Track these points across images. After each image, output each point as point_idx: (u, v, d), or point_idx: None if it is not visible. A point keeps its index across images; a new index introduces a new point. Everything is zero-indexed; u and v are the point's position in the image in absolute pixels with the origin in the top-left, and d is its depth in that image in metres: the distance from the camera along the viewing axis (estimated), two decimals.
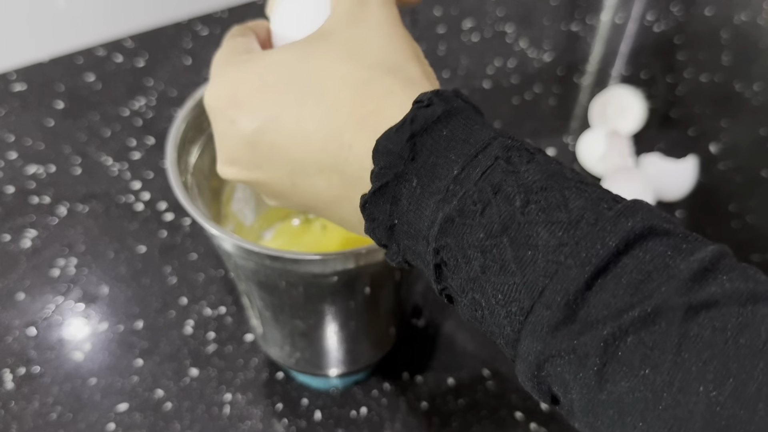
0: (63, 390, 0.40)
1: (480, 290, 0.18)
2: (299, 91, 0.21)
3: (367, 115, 0.20)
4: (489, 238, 0.18)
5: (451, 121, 0.19)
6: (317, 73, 0.21)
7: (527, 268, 0.17)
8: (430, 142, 0.19)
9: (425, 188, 0.19)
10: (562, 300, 0.16)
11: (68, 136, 0.55)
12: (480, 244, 0.18)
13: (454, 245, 0.18)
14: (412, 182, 0.19)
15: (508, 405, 0.40)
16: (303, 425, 0.39)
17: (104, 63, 0.62)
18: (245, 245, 0.27)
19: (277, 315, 0.34)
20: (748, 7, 0.73)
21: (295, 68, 0.21)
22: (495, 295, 0.18)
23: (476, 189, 0.18)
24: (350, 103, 0.20)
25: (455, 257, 0.19)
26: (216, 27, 0.66)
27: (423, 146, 0.19)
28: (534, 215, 0.17)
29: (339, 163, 0.21)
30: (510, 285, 0.17)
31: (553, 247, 0.17)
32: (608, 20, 0.70)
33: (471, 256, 0.18)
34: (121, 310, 0.44)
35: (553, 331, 0.17)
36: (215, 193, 0.37)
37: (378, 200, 0.20)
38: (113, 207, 0.50)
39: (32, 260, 0.47)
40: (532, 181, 0.18)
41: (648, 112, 0.57)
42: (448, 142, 0.19)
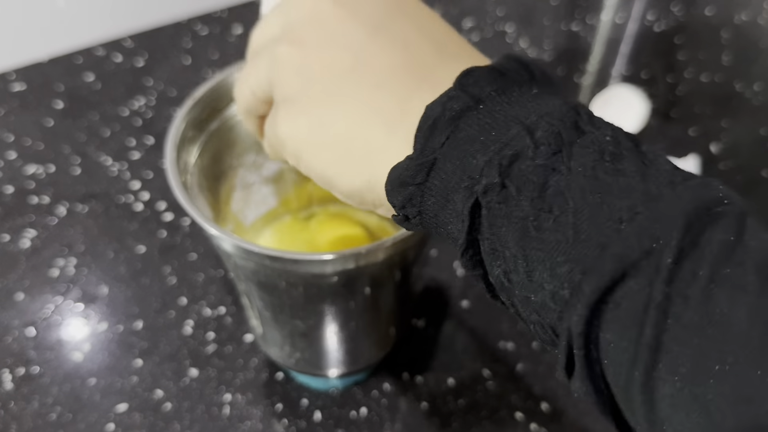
0: (62, 390, 0.40)
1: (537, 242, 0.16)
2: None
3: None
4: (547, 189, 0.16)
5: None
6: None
7: (586, 227, 0.15)
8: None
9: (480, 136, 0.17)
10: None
11: (68, 136, 0.55)
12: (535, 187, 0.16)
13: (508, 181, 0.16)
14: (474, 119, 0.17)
15: (508, 405, 0.40)
16: (303, 426, 0.39)
17: (104, 63, 0.62)
18: (245, 245, 0.27)
19: (276, 315, 0.34)
20: (749, 6, 0.73)
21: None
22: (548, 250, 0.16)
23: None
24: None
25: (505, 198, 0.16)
26: (215, 26, 0.66)
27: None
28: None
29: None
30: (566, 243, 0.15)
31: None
32: (609, 20, 0.70)
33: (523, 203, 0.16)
34: (121, 310, 0.44)
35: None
36: (214, 193, 0.37)
37: (434, 128, 0.18)
38: (113, 207, 0.50)
39: (31, 260, 0.47)
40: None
41: (648, 112, 0.57)
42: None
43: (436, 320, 0.45)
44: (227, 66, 0.32)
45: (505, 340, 0.43)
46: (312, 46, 0.20)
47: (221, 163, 0.37)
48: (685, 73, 0.64)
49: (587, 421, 0.40)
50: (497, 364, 0.42)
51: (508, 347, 0.43)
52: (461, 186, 0.17)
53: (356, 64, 0.20)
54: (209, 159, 0.35)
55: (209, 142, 0.35)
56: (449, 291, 0.46)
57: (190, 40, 0.64)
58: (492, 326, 0.44)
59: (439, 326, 0.44)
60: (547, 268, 0.16)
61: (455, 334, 0.44)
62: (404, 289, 0.36)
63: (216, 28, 0.66)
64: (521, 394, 0.41)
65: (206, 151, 0.35)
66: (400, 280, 0.34)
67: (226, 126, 0.36)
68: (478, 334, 0.44)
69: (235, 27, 0.66)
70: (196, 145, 0.34)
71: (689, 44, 0.68)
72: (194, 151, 0.34)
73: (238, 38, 0.65)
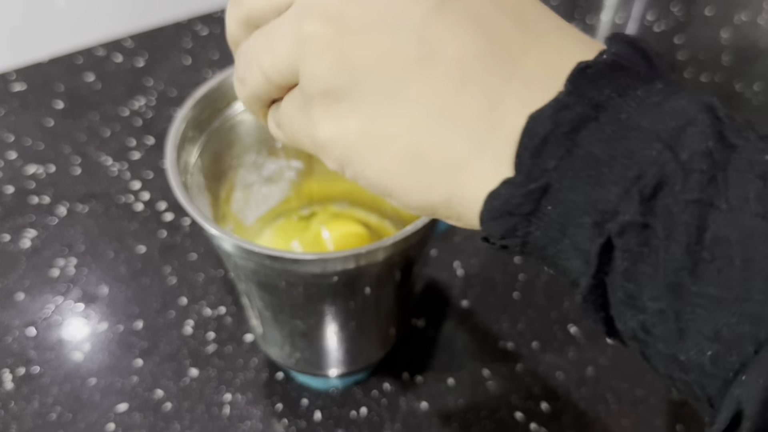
0: (62, 390, 0.40)
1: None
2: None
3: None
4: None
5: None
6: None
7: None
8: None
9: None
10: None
11: (68, 136, 0.55)
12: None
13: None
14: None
15: (508, 405, 0.40)
16: (303, 425, 0.39)
17: (104, 63, 0.62)
18: (245, 245, 0.27)
19: (276, 315, 0.34)
20: (749, 7, 0.73)
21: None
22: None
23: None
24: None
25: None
26: (216, 27, 0.66)
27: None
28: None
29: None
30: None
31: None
32: (608, 20, 0.70)
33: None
34: (121, 310, 0.44)
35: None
36: (215, 193, 0.37)
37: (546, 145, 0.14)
38: (113, 207, 0.50)
39: (32, 260, 0.47)
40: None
41: None
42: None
43: (436, 320, 0.45)
44: (227, 66, 0.32)
45: (505, 340, 0.43)
46: (356, 26, 0.16)
47: (221, 163, 0.37)
48: (685, 73, 0.64)
49: (587, 421, 0.40)
50: (497, 364, 0.42)
51: (508, 347, 0.43)
52: (586, 221, 0.14)
53: (424, 53, 0.15)
54: (209, 159, 0.35)
55: (209, 142, 0.35)
56: (449, 291, 0.46)
57: (190, 40, 0.65)
58: (492, 326, 0.44)
59: (439, 326, 0.44)
60: (707, 330, 0.13)
61: (455, 334, 0.44)
62: (404, 289, 0.36)
63: (216, 28, 0.66)
64: (521, 394, 0.41)
65: (206, 151, 0.35)
66: (400, 280, 0.34)
67: (226, 126, 0.36)
68: (478, 334, 0.44)
69: None
70: (196, 145, 0.34)
71: (689, 44, 0.68)
72: (194, 151, 0.34)
73: None
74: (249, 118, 0.37)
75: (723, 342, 0.13)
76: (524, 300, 0.46)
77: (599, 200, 0.14)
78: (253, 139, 0.38)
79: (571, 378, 0.42)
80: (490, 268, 0.47)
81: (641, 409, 0.40)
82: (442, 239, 0.49)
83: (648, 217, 0.13)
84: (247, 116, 0.37)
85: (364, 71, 0.16)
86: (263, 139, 0.38)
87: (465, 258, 0.48)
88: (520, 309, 0.45)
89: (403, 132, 0.16)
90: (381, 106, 0.16)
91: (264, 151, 0.39)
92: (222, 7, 0.68)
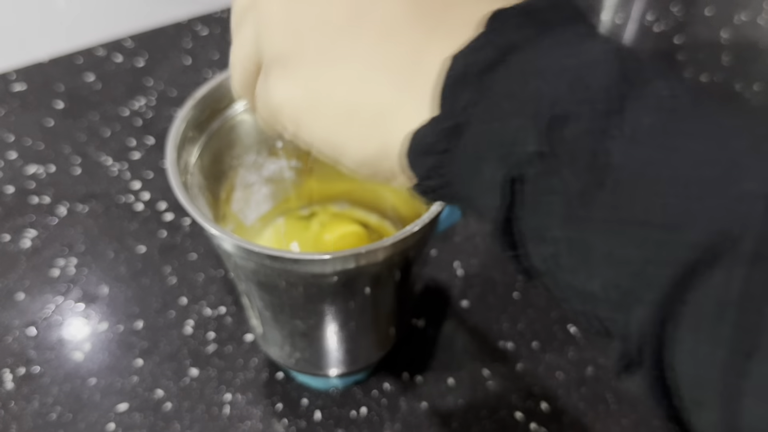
0: (63, 390, 0.40)
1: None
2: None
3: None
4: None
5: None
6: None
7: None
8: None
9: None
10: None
11: (68, 136, 0.55)
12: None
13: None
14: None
15: (507, 405, 0.40)
16: (303, 425, 0.39)
17: (104, 63, 0.62)
18: (245, 245, 0.27)
19: (276, 315, 0.34)
20: (748, 7, 0.73)
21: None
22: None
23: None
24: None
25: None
26: (216, 27, 0.66)
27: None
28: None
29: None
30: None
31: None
32: (608, 20, 0.70)
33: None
34: (121, 310, 0.44)
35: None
36: (215, 193, 0.37)
37: (460, 83, 0.15)
38: (113, 207, 0.50)
39: (32, 260, 0.47)
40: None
41: None
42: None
43: (435, 320, 0.45)
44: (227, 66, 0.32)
45: (505, 340, 0.44)
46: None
47: (221, 164, 0.37)
48: (685, 74, 0.64)
49: (587, 421, 0.40)
50: (497, 364, 0.42)
51: (508, 347, 0.43)
52: (494, 154, 0.15)
53: (354, 14, 0.17)
54: (210, 159, 0.35)
55: (210, 143, 0.35)
56: (449, 291, 0.46)
57: (190, 40, 0.65)
58: (491, 326, 0.44)
59: (439, 326, 0.44)
60: (602, 254, 0.13)
61: (455, 334, 0.44)
62: (404, 289, 0.36)
63: (216, 28, 0.66)
64: (521, 394, 0.41)
65: (207, 151, 0.35)
66: (399, 279, 0.34)
67: (226, 126, 0.36)
68: (478, 333, 0.44)
69: None
70: (196, 145, 0.34)
71: (689, 44, 0.68)
72: (195, 151, 0.34)
73: None
74: (249, 118, 0.37)
75: (615, 268, 0.13)
76: (524, 300, 0.46)
77: (504, 134, 0.14)
78: (253, 139, 0.38)
79: (570, 378, 0.42)
80: (490, 268, 0.47)
81: (641, 409, 0.40)
82: (441, 239, 0.49)
83: (546, 146, 0.14)
84: (247, 116, 0.37)
85: (304, 34, 0.18)
86: (263, 140, 0.38)
87: (465, 258, 0.48)
88: (520, 309, 0.45)
89: (337, 88, 0.17)
90: (319, 65, 0.17)
91: (264, 151, 0.39)
92: (222, 8, 0.68)
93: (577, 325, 0.15)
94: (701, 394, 0.13)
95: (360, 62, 0.17)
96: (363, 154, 0.18)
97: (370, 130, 0.17)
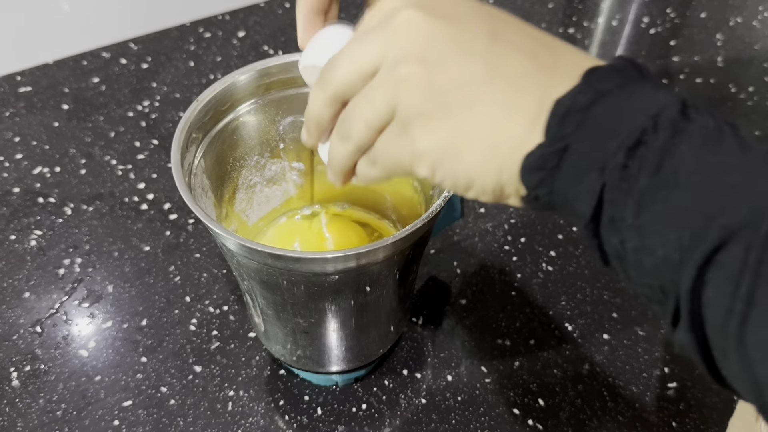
0: (68, 387, 0.41)
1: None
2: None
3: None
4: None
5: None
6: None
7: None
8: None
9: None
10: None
11: (73, 138, 0.56)
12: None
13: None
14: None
15: (506, 402, 0.41)
16: (304, 421, 0.40)
17: (109, 65, 0.62)
18: (248, 244, 0.28)
19: (278, 313, 0.35)
20: (743, 9, 0.73)
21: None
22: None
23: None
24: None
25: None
26: (218, 30, 0.67)
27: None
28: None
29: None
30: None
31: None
32: (604, 23, 0.71)
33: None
34: (126, 308, 0.45)
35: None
36: (218, 193, 0.37)
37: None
38: (118, 207, 0.51)
39: (38, 260, 0.48)
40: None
41: None
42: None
43: (435, 318, 0.45)
44: (230, 69, 0.33)
45: (503, 338, 0.44)
46: (437, 63, 0.22)
47: (225, 164, 0.38)
48: (681, 75, 0.65)
49: (583, 417, 0.40)
50: (495, 361, 0.43)
51: (506, 344, 0.44)
52: (594, 167, 0.20)
53: (489, 70, 0.21)
54: (213, 160, 0.36)
55: (213, 144, 0.36)
56: (448, 289, 0.47)
57: (193, 43, 0.65)
58: (490, 324, 0.45)
59: (438, 324, 0.45)
60: (660, 236, 0.19)
61: (454, 332, 0.45)
62: (404, 287, 0.37)
63: (219, 31, 0.67)
64: (518, 391, 0.41)
65: (210, 152, 0.36)
66: (399, 278, 0.35)
67: (229, 128, 0.37)
68: (476, 331, 0.45)
69: (237, 31, 0.67)
70: (200, 146, 0.35)
71: (684, 47, 0.68)
72: (198, 152, 0.35)
73: (241, 41, 0.66)
74: (252, 120, 0.38)
75: (669, 244, 0.18)
76: (521, 298, 0.46)
77: (603, 152, 0.19)
78: (255, 140, 0.39)
79: (567, 375, 0.42)
80: (489, 267, 0.48)
81: (637, 406, 0.41)
82: (441, 239, 0.50)
83: (629, 160, 0.19)
84: (249, 118, 0.37)
85: (448, 93, 0.22)
86: (266, 141, 0.39)
87: (464, 257, 0.49)
88: (518, 307, 0.46)
89: (480, 132, 0.22)
90: (463, 116, 0.22)
91: (266, 152, 0.40)
92: (224, 11, 0.69)
93: (642, 299, 0.22)
94: (725, 343, 0.17)
95: (498, 108, 0.21)
96: (495, 183, 0.22)
97: (507, 162, 0.21)
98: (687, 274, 0.18)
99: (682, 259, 0.18)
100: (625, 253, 0.20)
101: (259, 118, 0.38)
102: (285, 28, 0.67)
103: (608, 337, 0.44)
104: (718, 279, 0.17)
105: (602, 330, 0.45)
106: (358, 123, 0.24)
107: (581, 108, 0.20)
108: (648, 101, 0.20)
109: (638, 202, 0.19)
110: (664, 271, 0.19)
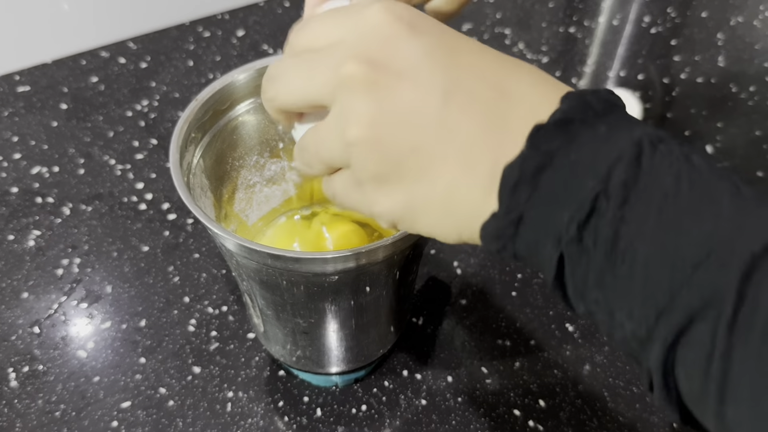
0: (67, 388, 0.41)
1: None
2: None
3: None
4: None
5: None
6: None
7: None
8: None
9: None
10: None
11: (72, 137, 0.56)
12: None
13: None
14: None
15: (506, 403, 0.41)
16: (304, 422, 0.40)
17: (108, 65, 0.62)
18: (247, 244, 0.28)
19: (278, 313, 0.35)
20: (744, 9, 0.73)
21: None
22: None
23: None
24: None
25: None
26: (217, 29, 0.67)
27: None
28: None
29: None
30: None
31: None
32: (605, 22, 0.71)
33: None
34: (125, 308, 0.45)
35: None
36: (217, 193, 0.37)
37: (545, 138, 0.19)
38: (117, 207, 0.51)
39: (36, 260, 0.47)
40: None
41: (644, 114, 0.58)
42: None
43: (435, 318, 0.45)
44: (230, 68, 0.33)
45: (503, 338, 0.44)
46: (389, 126, 0.21)
47: (224, 164, 0.37)
48: (681, 75, 0.65)
49: (584, 418, 0.40)
50: (495, 362, 0.43)
51: (507, 345, 0.44)
52: (550, 238, 0.19)
53: (443, 138, 0.21)
54: (212, 160, 0.36)
55: (212, 144, 0.36)
56: (448, 289, 0.47)
57: (192, 42, 0.65)
58: (490, 324, 0.45)
59: (438, 324, 0.45)
60: (625, 312, 0.18)
61: (454, 332, 0.44)
62: (404, 287, 0.36)
63: (218, 30, 0.67)
64: (519, 392, 0.41)
65: (209, 152, 0.35)
66: (399, 278, 0.35)
67: (228, 128, 0.36)
68: (477, 331, 0.44)
69: (237, 30, 0.67)
70: (199, 146, 0.35)
71: (685, 46, 0.68)
72: (197, 152, 0.34)
73: (240, 41, 0.66)
74: (251, 119, 0.37)
75: (634, 321, 0.18)
76: (522, 299, 0.46)
77: (555, 224, 0.19)
78: (255, 140, 0.38)
79: (568, 375, 0.42)
80: (489, 268, 0.48)
81: (638, 407, 0.41)
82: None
83: (582, 232, 0.19)
84: (249, 118, 0.37)
85: (401, 159, 0.21)
86: (265, 141, 0.39)
87: (464, 257, 0.49)
88: (518, 308, 0.46)
89: (435, 196, 0.21)
90: (418, 181, 0.21)
91: (266, 152, 0.40)
92: (223, 10, 0.69)
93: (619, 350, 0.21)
94: (704, 415, 0.18)
95: (451, 176, 0.21)
96: (457, 239, 0.22)
97: (463, 224, 0.21)
98: (656, 353, 0.18)
99: (649, 337, 0.18)
100: (595, 322, 0.20)
101: (259, 117, 0.38)
102: (285, 27, 0.67)
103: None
104: (690, 359, 0.17)
105: None
106: (315, 162, 0.24)
107: (531, 175, 0.19)
108: (599, 156, 0.19)
109: (598, 280, 0.18)
110: (634, 344, 0.19)
